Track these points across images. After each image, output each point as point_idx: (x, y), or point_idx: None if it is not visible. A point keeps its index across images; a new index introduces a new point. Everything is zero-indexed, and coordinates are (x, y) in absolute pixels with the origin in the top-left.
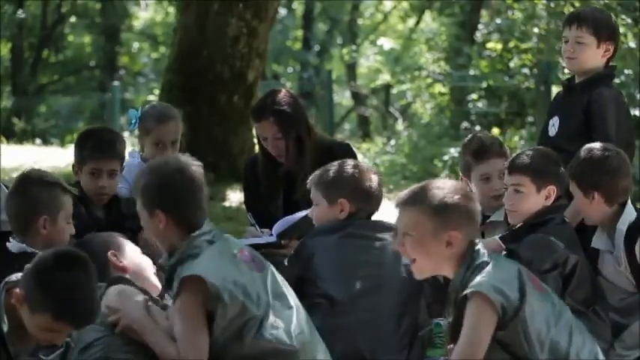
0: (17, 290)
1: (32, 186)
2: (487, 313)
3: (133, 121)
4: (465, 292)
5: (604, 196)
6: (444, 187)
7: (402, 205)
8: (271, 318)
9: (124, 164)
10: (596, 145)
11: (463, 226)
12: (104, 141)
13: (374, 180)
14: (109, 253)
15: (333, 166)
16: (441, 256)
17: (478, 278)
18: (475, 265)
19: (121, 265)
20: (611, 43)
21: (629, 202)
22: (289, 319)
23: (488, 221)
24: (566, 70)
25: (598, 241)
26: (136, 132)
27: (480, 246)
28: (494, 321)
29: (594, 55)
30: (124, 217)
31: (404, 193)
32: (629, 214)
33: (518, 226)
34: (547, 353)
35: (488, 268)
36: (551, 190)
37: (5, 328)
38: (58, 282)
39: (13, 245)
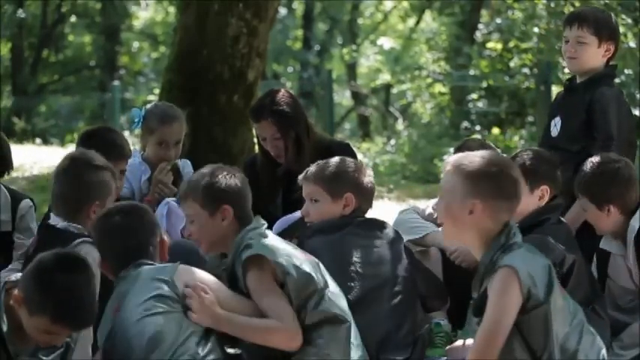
0: (16, 292)
1: (85, 170)
2: (514, 290)
3: (137, 120)
4: (497, 265)
5: (620, 208)
6: (484, 157)
7: (445, 167)
8: (328, 294)
9: None
10: (602, 157)
11: (488, 198)
12: (112, 142)
13: (371, 176)
14: (164, 238)
15: (333, 162)
16: (463, 223)
17: (511, 256)
18: (508, 244)
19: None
20: (611, 43)
21: None
22: (341, 299)
23: None
24: (566, 70)
25: (608, 244)
26: (137, 131)
27: (515, 229)
28: (519, 299)
29: (595, 55)
30: None
31: (453, 156)
32: None
33: None
34: (558, 351)
35: (523, 251)
36: (545, 191)
37: (5, 328)
38: (57, 284)
39: (54, 219)
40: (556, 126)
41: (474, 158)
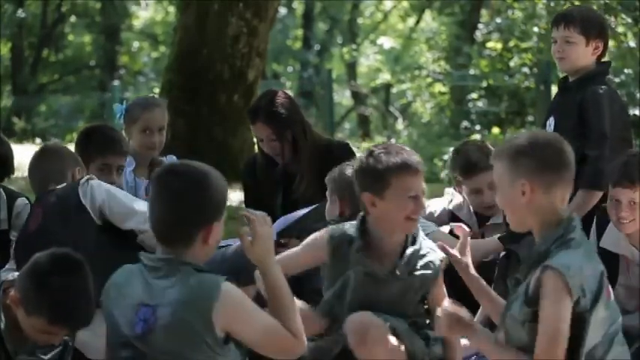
0: (12, 293)
1: (60, 147)
2: (566, 299)
3: (118, 116)
4: (549, 263)
5: None
6: (522, 136)
7: (492, 158)
8: None
9: None
10: None
11: (533, 173)
12: (111, 139)
13: None
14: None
15: (340, 167)
16: (519, 207)
17: (567, 256)
18: (566, 238)
19: None
20: (600, 40)
21: None
22: None
23: (488, 223)
24: None
25: (617, 245)
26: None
27: (577, 223)
28: (571, 304)
29: (584, 54)
30: None
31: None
32: None
33: None
34: (583, 358)
35: (579, 254)
36: None
37: (2, 326)
38: (52, 286)
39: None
40: (550, 126)
41: (513, 140)
